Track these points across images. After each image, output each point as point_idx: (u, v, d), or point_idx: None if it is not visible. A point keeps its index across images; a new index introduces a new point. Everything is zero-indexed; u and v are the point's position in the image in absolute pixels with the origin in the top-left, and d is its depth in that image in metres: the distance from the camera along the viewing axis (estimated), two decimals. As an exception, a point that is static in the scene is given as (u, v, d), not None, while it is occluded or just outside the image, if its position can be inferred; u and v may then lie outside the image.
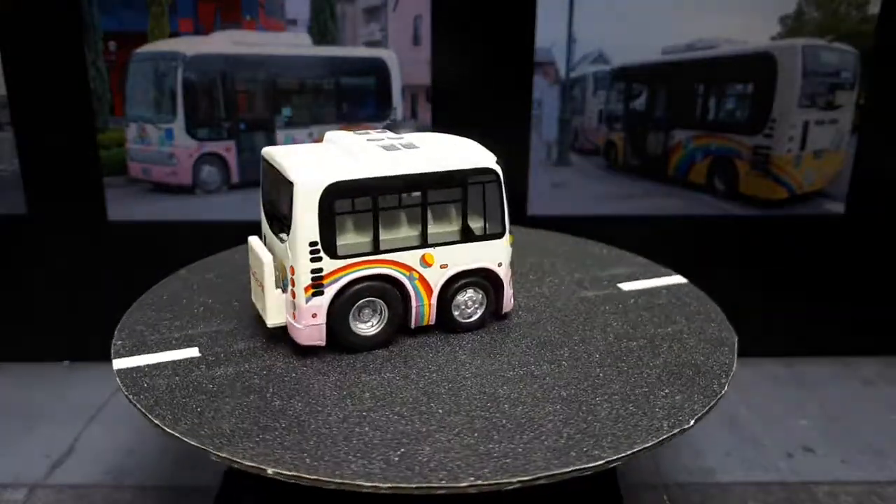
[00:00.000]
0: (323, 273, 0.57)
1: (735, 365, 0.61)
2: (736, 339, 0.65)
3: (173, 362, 0.61)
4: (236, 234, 0.87)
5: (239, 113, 1.15)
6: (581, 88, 1.16)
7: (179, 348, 0.63)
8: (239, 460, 0.48)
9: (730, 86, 1.16)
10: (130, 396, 0.56)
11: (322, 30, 1.12)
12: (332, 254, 0.57)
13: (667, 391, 0.57)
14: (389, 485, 0.46)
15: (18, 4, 1.08)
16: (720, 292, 0.74)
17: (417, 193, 0.59)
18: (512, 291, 0.67)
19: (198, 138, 1.16)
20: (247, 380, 0.58)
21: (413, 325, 0.63)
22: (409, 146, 0.62)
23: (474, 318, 0.65)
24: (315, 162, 0.58)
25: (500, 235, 0.63)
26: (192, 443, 0.50)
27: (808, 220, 1.21)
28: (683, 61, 1.14)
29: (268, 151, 0.63)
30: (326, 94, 1.15)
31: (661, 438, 0.51)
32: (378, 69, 1.15)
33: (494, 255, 0.64)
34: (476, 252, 0.63)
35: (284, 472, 0.47)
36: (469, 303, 0.64)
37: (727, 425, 1.08)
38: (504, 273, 0.65)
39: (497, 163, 0.63)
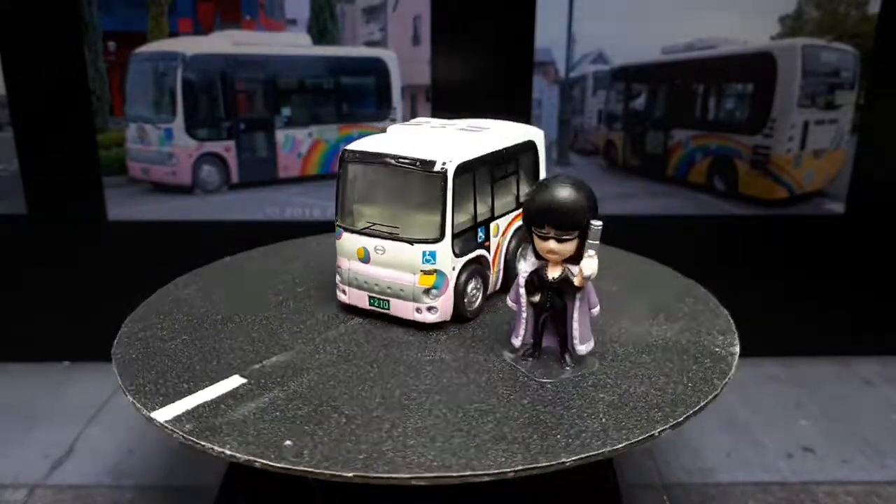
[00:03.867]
0: None
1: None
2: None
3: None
4: (236, 234, 0.87)
5: (239, 113, 1.15)
6: (581, 88, 1.16)
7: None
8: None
9: (729, 86, 1.16)
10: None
11: (322, 30, 1.12)
12: None
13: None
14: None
15: (18, 4, 1.08)
16: (720, 292, 0.74)
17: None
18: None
19: (197, 138, 1.16)
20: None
21: None
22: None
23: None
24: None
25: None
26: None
27: (808, 220, 1.21)
28: (683, 61, 1.14)
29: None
30: (326, 94, 1.15)
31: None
32: (378, 69, 1.15)
33: None
34: None
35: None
36: None
37: (727, 425, 1.08)
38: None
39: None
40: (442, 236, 0.61)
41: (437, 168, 0.60)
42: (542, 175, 0.72)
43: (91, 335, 1.20)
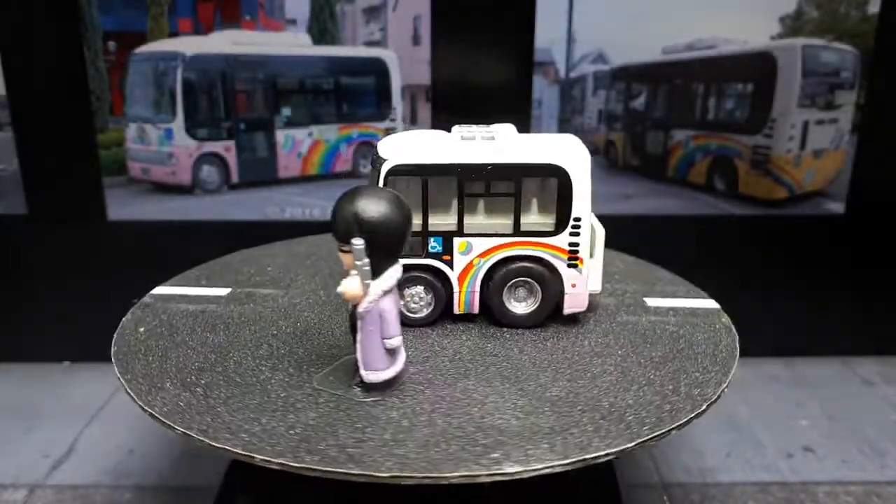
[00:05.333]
0: None
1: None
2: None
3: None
4: (236, 233, 0.88)
5: (238, 113, 1.15)
6: (581, 88, 1.16)
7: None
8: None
9: (729, 85, 1.16)
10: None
11: (322, 30, 1.12)
12: None
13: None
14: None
15: (18, 4, 1.08)
16: (720, 292, 0.74)
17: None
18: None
19: (197, 138, 1.16)
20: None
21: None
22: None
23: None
24: None
25: None
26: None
27: (808, 220, 1.21)
28: (683, 61, 1.14)
29: None
30: (326, 94, 1.15)
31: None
32: (378, 69, 1.15)
33: None
34: None
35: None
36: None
37: (727, 425, 1.08)
38: None
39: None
40: None
41: (377, 165, 0.63)
42: (579, 207, 0.63)
43: (91, 335, 1.20)
